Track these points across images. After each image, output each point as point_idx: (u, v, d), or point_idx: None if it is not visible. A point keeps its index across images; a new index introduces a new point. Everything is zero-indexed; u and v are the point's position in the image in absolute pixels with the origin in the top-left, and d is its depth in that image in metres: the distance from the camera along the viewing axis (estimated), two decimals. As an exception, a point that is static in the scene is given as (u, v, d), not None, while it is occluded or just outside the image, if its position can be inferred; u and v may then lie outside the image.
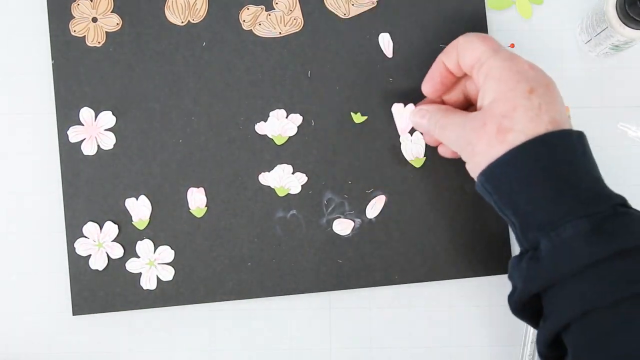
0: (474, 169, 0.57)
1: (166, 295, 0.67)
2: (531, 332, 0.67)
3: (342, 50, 0.68)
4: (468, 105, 0.65)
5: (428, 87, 0.63)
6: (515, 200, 0.55)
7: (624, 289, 0.51)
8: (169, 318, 0.68)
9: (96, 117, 0.68)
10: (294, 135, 0.68)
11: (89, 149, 0.68)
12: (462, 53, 0.59)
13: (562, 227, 0.53)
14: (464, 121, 0.58)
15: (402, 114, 0.68)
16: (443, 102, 0.65)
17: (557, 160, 0.54)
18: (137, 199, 0.67)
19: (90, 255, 0.67)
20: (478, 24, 0.69)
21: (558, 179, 0.53)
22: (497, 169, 0.55)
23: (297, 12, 0.69)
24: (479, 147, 0.56)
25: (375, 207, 0.68)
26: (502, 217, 0.58)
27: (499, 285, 0.68)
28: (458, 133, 0.59)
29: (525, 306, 0.56)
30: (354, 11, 0.69)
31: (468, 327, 0.68)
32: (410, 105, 0.67)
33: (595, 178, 0.55)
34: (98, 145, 0.68)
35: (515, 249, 0.68)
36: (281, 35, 0.69)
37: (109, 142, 0.68)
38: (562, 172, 0.54)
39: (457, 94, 0.64)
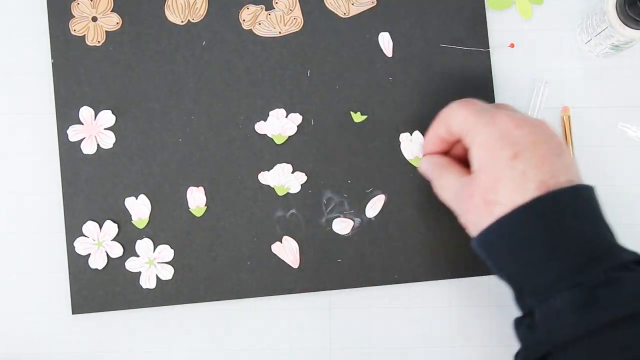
0: (470, 232, 0.58)
1: (166, 294, 0.67)
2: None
3: (342, 49, 0.69)
4: None
5: (429, 147, 0.63)
6: (508, 267, 0.55)
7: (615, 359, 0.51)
8: (169, 318, 0.68)
9: (96, 116, 0.68)
10: (293, 135, 0.68)
11: (88, 148, 0.68)
12: (449, 124, 0.59)
13: (552, 297, 0.52)
14: (456, 188, 0.59)
15: (408, 144, 0.68)
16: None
17: (546, 226, 0.53)
18: (136, 198, 0.67)
19: (89, 254, 0.67)
20: (478, 24, 0.69)
21: (546, 244, 0.53)
22: (487, 238, 0.55)
23: (297, 12, 0.69)
24: (469, 216, 0.57)
25: (374, 206, 0.68)
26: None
27: (499, 285, 0.67)
28: (452, 198, 0.59)
29: None
30: (354, 10, 0.69)
31: (468, 326, 0.68)
32: (417, 134, 0.68)
33: (591, 237, 0.54)
34: (98, 145, 0.68)
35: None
36: (281, 34, 0.69)
37: (108, 141, 0.68)
38: (551, 237, 0.53)
39: (461, 146, 0.62)
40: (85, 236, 0.67)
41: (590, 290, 0.51)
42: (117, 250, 0.67)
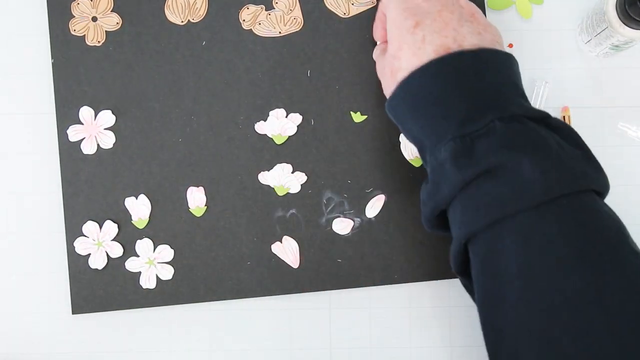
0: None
1: (165, 294, 0.67)
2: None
3: (342, 49, 0.69)
4: None
5: (376, 35, 0.67)
6: (410, 128, 0.57)
7: (493, 213, 0.51)
8: (169, 318, 0.68)
9: (96, 116, 0.68)
10: (293, 135, 0.68)
11: (88, 148, 0.68)
12: (384, 8, 0.62)
13: (438, 150, 0.54)
14: (380, 62, 0.63)
15: (408, 144, 0.68)
16: None
17: (441, 85, 0.54)
18: (136, 198, 0.67)
19: (89, 254, 0.67)
20: (478, 23, 0.69)
21: (440, 103, 0.54)
22: (392, 103, 0.58)
23: (297, 12, 0.69)
24: (385, 89, 0.61)
25: (374, 206, 0.68)
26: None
27: (499, 285, 0.68)
28: (380, 77, 0.63)
29: (436, 222, 0.58)
30: (354, 10, 0.69)
31: (468, 326, 0.68)
32: None
33: (486, 94, 0.54)
34: (98, 145, 0.68)
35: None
36: (281, 34, 0.69)
37: (108, 141, 0.68)
38: (445, 96, 0.54)
39: None
40: (85, 236, 0.67)
41: (472, 140, 0.53)
42: (117, 250, 0.67)
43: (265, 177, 0.68)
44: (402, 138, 0.68)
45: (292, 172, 0.68)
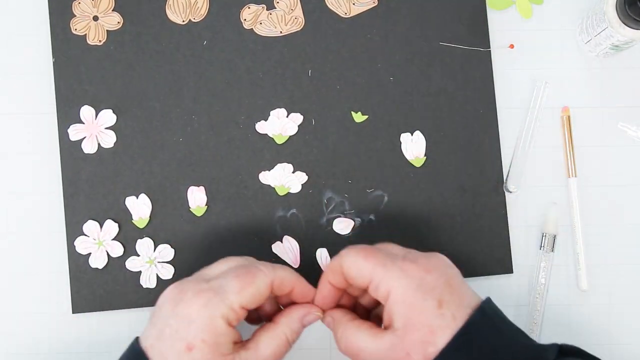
0: None
1: (166, 294, 0.67)
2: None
3: (343, 49, 0.69)
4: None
5: (322, 304, 0.60)
6: None
7: None
8: (169, 317, 0.68)
9: (97, 115, 0.68)
10: (294, 135, 0.68)
11: (89, 148, 0.68)
12: (350, 275, 0.57)
13: None
14: (378, 348, 0.55)
15: (409, 144, 0.68)
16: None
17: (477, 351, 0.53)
18: (137, 198, 0.67)
19: (90, 253, 0.67)
20: (478, 23, 0.69)
21: None
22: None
23: (298, 11, 0.69)
24: None
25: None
26: None
27: (499, 285, 0.68)
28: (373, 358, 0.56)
29: None
30: (355, 10, 0.69)
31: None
32: (417, 134, 0.68)
33: (518, 347, 0.55)
34: (98, 144, 0.68)
35: (515, 249, 0.68)
36: (282, 34, 0.69)
37: (109, 140, 0.68)
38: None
39: (368, 297, 0.60)
40: (86, 235, 0.67)
41: None
42: (117, 250, 0.67)
43: (266, 177, 0.68)
44: (403, 138, 0.68)
45: (293, 172, 0.68)
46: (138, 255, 0.67)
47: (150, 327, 0.56)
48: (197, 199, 0.68)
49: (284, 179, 0.68)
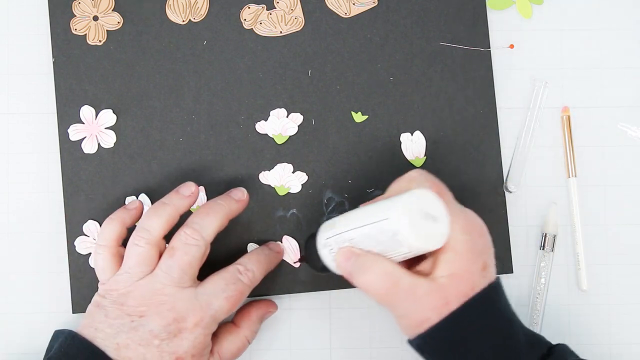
0: (414, 329, 0.57)
1: (166, 294, 0.67)
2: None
3: (343, 49, 0.69)
4: None
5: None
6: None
7: None
8: (169, 317, 0.68)
9: (97, 115, 0.68)
10: (294, 135, 0.68)
11: (89, 147, 0.68)
12: None
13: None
14: (414, 290, 0.55)
15: (409, 144, 0.68)
16: None
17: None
18: (137, 198, 0.67)
19: (90, 253, 0.67)
20: (479, 23, 0.69)
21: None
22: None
23: (298, 11, 0.69)
24: (434, 318, 0.56)
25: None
26: None
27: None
28: (405, 302, 0.56)
29: None
30: (355, 10, 0.69)
31: (468, 326, 0.68)
32: (417, 134, 0.68)
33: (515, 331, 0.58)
34: (98, 144, 0.68)
35: (515, 249, 0.68)
36: (282, 34, 0.69)
37: (109, 140, 0.68)
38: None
39: None
40: (86, 235, 0.67)
41: None
42: (117, 250, 0.67)
43: (266, 177, 0.68)
44: (403, 138, 0.68)
45: (293, 172, 0.68)
46: (138, 255, 0.67)
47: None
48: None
49: (284, 179, 0.68)
